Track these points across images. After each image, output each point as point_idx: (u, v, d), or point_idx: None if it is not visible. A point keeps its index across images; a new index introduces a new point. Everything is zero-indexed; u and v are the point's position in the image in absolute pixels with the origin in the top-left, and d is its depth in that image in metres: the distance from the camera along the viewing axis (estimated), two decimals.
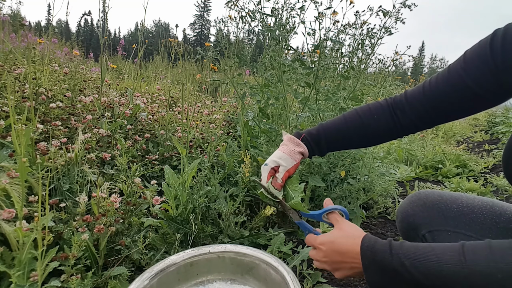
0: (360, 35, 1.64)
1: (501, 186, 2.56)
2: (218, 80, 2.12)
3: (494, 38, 0.59)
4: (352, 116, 0.79)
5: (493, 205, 0.73)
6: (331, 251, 0.61)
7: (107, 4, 1.93)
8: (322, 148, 0.81)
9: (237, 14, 1.59)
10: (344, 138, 0.80)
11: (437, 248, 0.52)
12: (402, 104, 0.73)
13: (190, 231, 1.17)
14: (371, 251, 0.56)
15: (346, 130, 0.79)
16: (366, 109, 0.78)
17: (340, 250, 0.60)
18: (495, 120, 6.82)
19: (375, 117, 0.76)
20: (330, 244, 0.62)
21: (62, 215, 1.05)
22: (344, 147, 0.84)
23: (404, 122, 0.74)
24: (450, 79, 0.65)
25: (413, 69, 23.13)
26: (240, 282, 0.85)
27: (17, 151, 0.82)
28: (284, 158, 0.76)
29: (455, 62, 0.66)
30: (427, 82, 0.70)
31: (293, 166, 0.77)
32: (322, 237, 0.65)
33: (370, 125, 0.77)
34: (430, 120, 0.71)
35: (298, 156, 0.78)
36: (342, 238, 0.61)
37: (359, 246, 0.57)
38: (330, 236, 0.63)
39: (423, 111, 0.70)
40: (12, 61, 2.38)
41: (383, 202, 1.97)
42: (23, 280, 0.78)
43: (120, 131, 1.80)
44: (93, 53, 6.14)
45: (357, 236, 0.59)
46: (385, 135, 0.78)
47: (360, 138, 0.79)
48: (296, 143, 0.79)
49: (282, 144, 0.80)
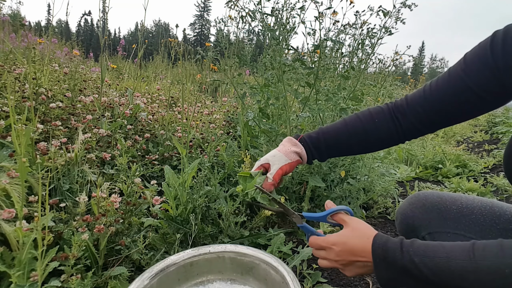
0: (360, 35, 1.64)
1: (501, 186, 2.56)
2: (218, 80, 2.12)
3: (494, 39, 0.59)
4: (353, 120, 0.78)
5: (492, 206, 0.73)
6: (344, 251, 0.61)
7: (107, 4, 1.93)
8: (322, 153, 0.80)
9: (237, 14, 1.59)
10: (344, 143, 0.79)
11: (447, 245, 0.52)
12: (403, 108, 0.73)
13: (190, 231, 1.17)
14: (383, 249, 0.56)
15: (347, 135, 0.78)
16: (367, 113, 0.77)
17: (353, 250, 0.60)
18: (495, 120, 6.82)
19: (376, 121, 0.75)
20: (343, 245, 0.61)
21: (62, 215, 1.04)
22: (344, 152, 0.84)
23: (406, 126, 0.73)
24: (451, 82, 0.65)
25: (413, 69, 23.15)
26: (240, 282, 0.85)
27: (17, 151, 0.82)
28: (278, 157, 0.75)
29: (455, 65, 0.66)
30: (427, 86, 0.69)
31: (288, 165, 0.76)
32: (333, 237, 0.64)
33: (371, 129, 0.76)
34: (432, 124, 0.71)
35: (294, 155, 0.77)
36: (355, 238, 0.61)
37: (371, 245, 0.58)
38: (342, 236, 0.63)
39: (424, 115, 0.69)
40: (12, 61, 2.38)
41: (383, 202, 1.97)
42: (23, 280, 0.78)
43: (120, 131, 1.80)
44: (93, 53, 6.14)
45: (369, 235, 0.59)
46: (386, 140, 0.77)
47: (361, 143, 0.78)
48: (293, 143, 0.78)
49: (280, 144, 0.80)
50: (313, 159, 0.81)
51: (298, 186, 1.68)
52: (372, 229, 0.62)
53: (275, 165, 0.75)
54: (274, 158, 0.76)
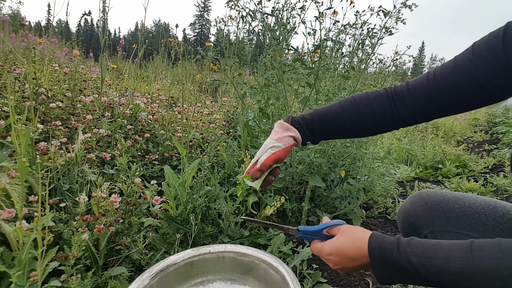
0: (360, 35, 1.64)
1: (501, 186, 2.56)
2: (218, 80, 2.12)
3: (507, 31, 0.56)
4: (349, 103, 0.75)
5: (495, 205, 0.73)
6: (340, 258, 0.61)
7: (107, 4, 1.93)
8: (316, 135, 0.77)
9: (237, 14, 1.59)
10: (339, 126, 0.76)
11: (445, 245, 0.51)
12: (403, 95, 0.70)
13: (190, 231, 1.17)
14: (379, 249, 0.56)
15: (342, 118, 0.75)
16: (364, 97, 0.75)
17: (349, 255, 0.59)
18: (495, 120, 6.81)
19: (373, 106, 0.73)
20: (337, 252, 0.61)
21: (62, 215, 1.04)
22: (338, 135, 0.81)
23: (403, 114, 0.71)
24: (457, 72, 0.62)
25: (413, 69, 23.14)
26: (240, 282, 0.85)
27: (17, 151, 0.82)
28: (270, 144, 0.72)
29: (463, 54, 0.63)
30: (431, 74, 0.67)
31: (282, 150, 0.72)
32: (327, 247, 0.63)
33: (367, 114, 0.73)
34: (431, 113, 0.69)
35: (289, 139, 0.73)
36: (347, 243, 0.60)
37: (367, 246, 0.57)
38: (335, 243, 0.62)
39: (425, 104, 0.67)
40: (12, 61, 2.38)
41: (383, 202, 1.97)
42: (23, 280, 0.78)
43: (120, 131, 1.80)
44: (93, 53, 6.14)
45: (363, 237, 0.58)
46: (381, 125, 0.75)
47: (356, 127, 0.75)
48: (285, 128, 0.74)
49: (272, 131, 0.76)
50: (306, 141, 0.78)
51: (298, 186, 1.68)
52: (366, 231, 0.60)
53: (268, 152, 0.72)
54: (266, 147, 0.73)
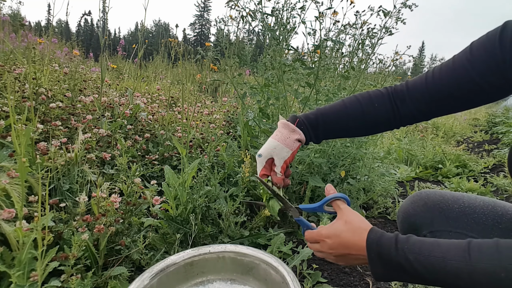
0: (360, 35, 1.64)
1: (501, 186, 2.56)
2: (218, 80, 2.12)
3: (504, 31, 0.56)
4: (352, 102, 0.75)
5: (495, 205, 0.73)
6: (337, 244, 0.61)
7: (107, 4, 1.93)
8: (319, 135, 0.77)
9: (237, 14, 1.59)
10: (342, 125, 0.76)
11: (443, 244, 0.51)
12: (403, 94, 0.71)
13: (190, 231, 1.17)
14: (377, 245, 0.56)
15: (345, 117, 0.75)
16: (366, 96, 0.75)
17: (347, 244, 0.60)
18: (495, 120, 6.81)
19: (375, 105, 0.73)
20: (335, 238, 0.61)
21: (62, 215, 1.04)
22: (340, 135, 0.81)
23: (403, 113, 0.71)
24: (455, 71, 0.63)
25: (413, 69, 23.13)
26: (240, 282, 0.85)
27: (17, 151, 0.82)
28: (279, 148, 0.73)
29: (461, 54, 0.64)
30: (430, 73, 0.67)
31: (291, 155, 0.73)
32: (326, 229, 0.63)
33: (370, 113, 0.74)
34: (430, 112, 0.69)
35: (295, 143, 0.74)
36: (348, 232, 0.60)
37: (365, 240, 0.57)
38: (335, 229, 0.62)
39: (424, 103, 0.68)
40: (12, 61, 2.38)
41: (383, 202, 1.97)
42: (23, 280, 0.78)
43: (120, 131, 1.80)
44: (93, 53, 6.14)
45: (363, 229, 0.59)
46: (383, 124, 0.75)
47: (359, 126, 0.76)
48: (291, 129, 0.74)
49: (276, 130, 0.76)
50: (309, 141, 0.78)
51: (298, 186, 1.68)
52: (366, 222, 0.61)
53: (279, 159, 0.73)
54: (275, 151, 0.73)
